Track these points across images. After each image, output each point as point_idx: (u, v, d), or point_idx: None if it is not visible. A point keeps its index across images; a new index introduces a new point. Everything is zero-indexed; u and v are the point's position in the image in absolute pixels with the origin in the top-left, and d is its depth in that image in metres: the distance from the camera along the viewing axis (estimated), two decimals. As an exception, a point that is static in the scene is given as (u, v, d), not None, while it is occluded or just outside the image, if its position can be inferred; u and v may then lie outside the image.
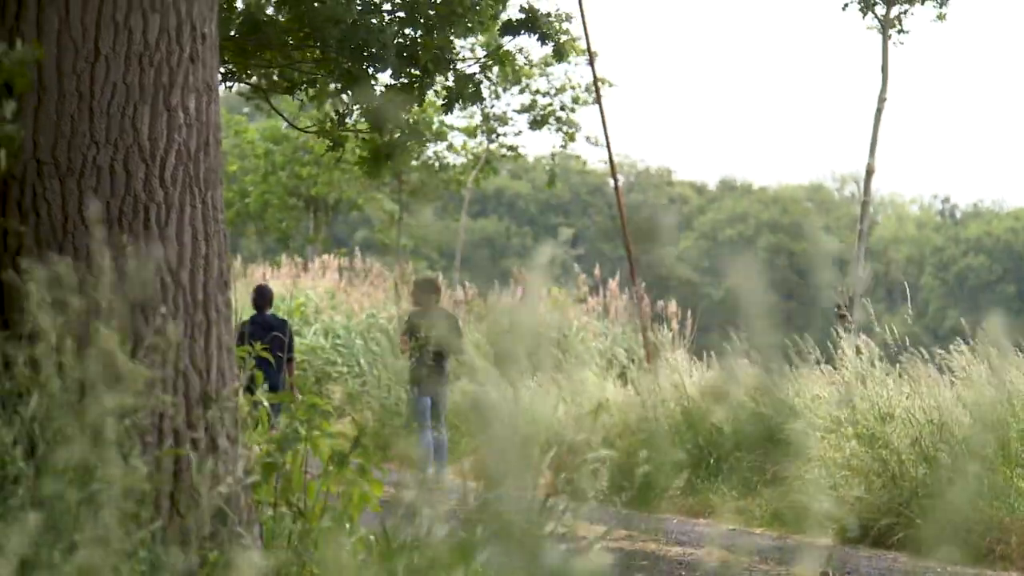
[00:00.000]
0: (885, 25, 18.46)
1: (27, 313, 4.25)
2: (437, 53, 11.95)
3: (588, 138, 26.46)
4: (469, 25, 12.26)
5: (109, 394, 3.91)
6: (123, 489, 3.89)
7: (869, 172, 16.99)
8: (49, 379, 4.21)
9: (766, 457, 11.66)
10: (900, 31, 18.60)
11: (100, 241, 4.32)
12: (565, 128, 24.17)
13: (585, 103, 24.60)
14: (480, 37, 12.95)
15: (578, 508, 3.85)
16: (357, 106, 12.77)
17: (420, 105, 12.59)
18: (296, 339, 24.31)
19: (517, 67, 14.99)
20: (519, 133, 25.13)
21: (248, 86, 13.58)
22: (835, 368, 11.72)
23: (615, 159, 19.30)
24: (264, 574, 3.08)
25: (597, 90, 19.75)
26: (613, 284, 22.93)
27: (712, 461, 13.21)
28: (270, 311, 15.14)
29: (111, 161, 4.83)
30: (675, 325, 18.85)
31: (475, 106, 12.89)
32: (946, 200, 64.09)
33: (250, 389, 5.23)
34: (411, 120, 12.63)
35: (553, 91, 24.91)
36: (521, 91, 23.84)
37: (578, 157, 33.92)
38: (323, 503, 4.77)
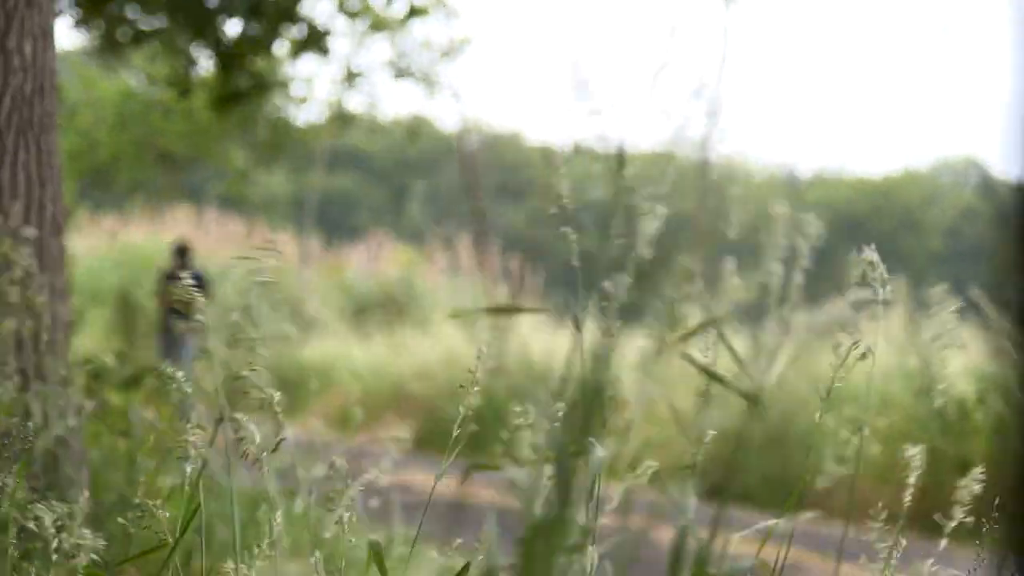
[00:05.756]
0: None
1: None
2: (283, 7, 11.96)
3: (451, 93, 26.58)
4: None
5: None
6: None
7: (711, 136, 17.22)
8: None
9: (609, 411, 11.87)
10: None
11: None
12: (427, 80, 24.24)
13: (445, 57, 24.64)
14: None
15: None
16: (206, 54, 12.76)
17: (265, 56, 12.59)
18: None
19: (374, 18, 14.98)
20: (377, 89, 25.02)
21: (97, 41, 13.46)
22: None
23: (468, 120, 19.38)
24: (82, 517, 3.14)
25: (452, 48, 19.81)
26: (462, 242, 23.06)
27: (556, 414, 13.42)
28: None
29: (-56, 104, 4.83)
30: (519, 282, 19.05)
31: (325, 59, 12.88)
32: (789, 166, 65.01)
33: None
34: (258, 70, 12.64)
35: (415, 49, 24.88)
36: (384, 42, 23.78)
37: (432, 120, 33.93)
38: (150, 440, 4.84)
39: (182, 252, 17.68)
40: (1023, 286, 1.05)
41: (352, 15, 13.17)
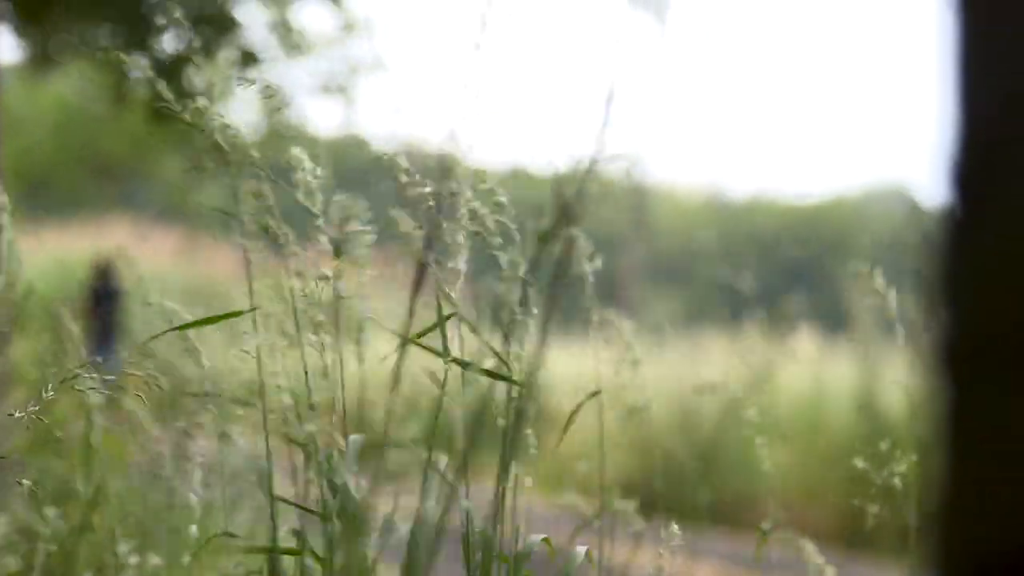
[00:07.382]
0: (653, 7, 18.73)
1: None
2: (219, 22, 11.97)
3: (387, 111, 26.58)
4: None
5: None
6: None
7: (640, 158, 17.31)
8: None
9: (535, 427, 11.94)
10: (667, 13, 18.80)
11: None
12: (356, 99, 24.24)
13: (373, 71, 24.58)
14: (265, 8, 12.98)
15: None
16: (143, 66, 12.72)
17: (203, 68, 12.56)
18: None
19: (300, 40, 14.97)
20: (305, 107, 24.95)
21: (34, 51, 13.42)
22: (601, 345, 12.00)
23: (401, 138, 19.35)
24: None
25: (377, 66, 19.82)
26: (388, 253, 23.00)
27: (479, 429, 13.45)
28: None
29: None
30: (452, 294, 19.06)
31: (258, 75, 12.87)
32: (719, 190, 64.88)
33: None
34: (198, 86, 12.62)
35: (344, 67, 24.83)
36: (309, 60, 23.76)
37: (363, 139, 33.84)
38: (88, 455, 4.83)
39: (105, 268, 17.81)
40: (946, 316, 1.12)
41: (284, 31, 13.21)
